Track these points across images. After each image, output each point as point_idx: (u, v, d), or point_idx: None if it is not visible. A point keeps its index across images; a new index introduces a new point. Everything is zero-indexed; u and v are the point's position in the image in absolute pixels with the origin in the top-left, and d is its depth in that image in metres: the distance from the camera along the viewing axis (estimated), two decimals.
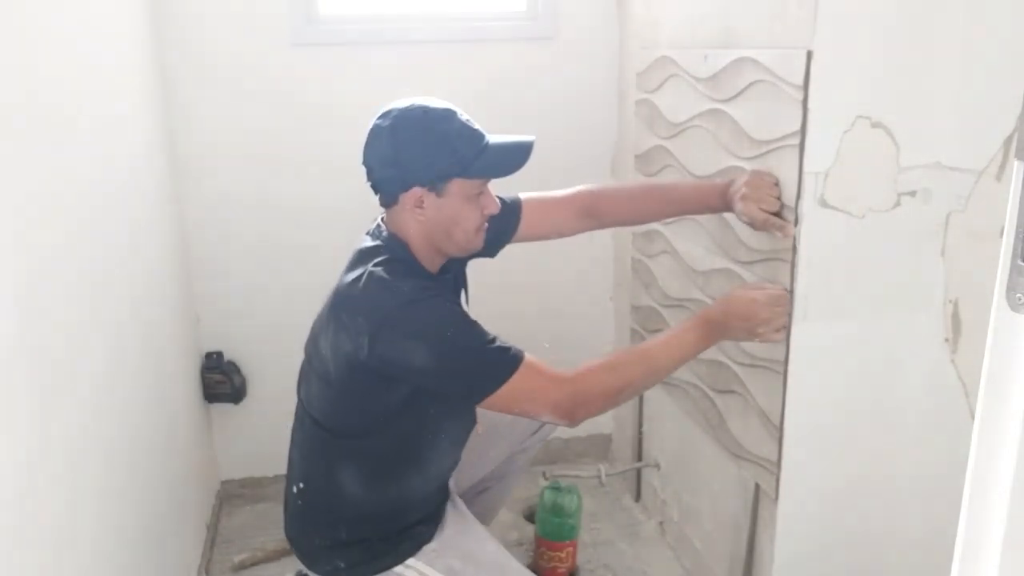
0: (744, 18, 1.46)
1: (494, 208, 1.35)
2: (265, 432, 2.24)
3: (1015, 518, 0.55)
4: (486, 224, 1.36)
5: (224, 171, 2.06)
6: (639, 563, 1.98)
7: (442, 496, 1.50)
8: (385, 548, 1.40)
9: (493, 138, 1.32)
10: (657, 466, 2.06)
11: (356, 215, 1.68)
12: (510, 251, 2.26)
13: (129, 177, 1.60)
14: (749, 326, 1.34)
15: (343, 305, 1.28)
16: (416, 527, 1.42)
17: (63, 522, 1.08)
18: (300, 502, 1.43)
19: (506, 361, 1.25)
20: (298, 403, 1.45)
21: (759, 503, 1.54)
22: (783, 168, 1.33)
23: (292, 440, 1.47)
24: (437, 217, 1.30)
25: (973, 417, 0.58)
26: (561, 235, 1.64)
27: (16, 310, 0.97)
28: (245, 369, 2.18)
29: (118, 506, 1.33)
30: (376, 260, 1.28)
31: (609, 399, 1.30)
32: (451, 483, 1.57)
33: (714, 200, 1.47)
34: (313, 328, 1.37)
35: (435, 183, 1.27)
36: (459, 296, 1.48)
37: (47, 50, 1.18)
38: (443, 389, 1.30)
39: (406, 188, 1.28)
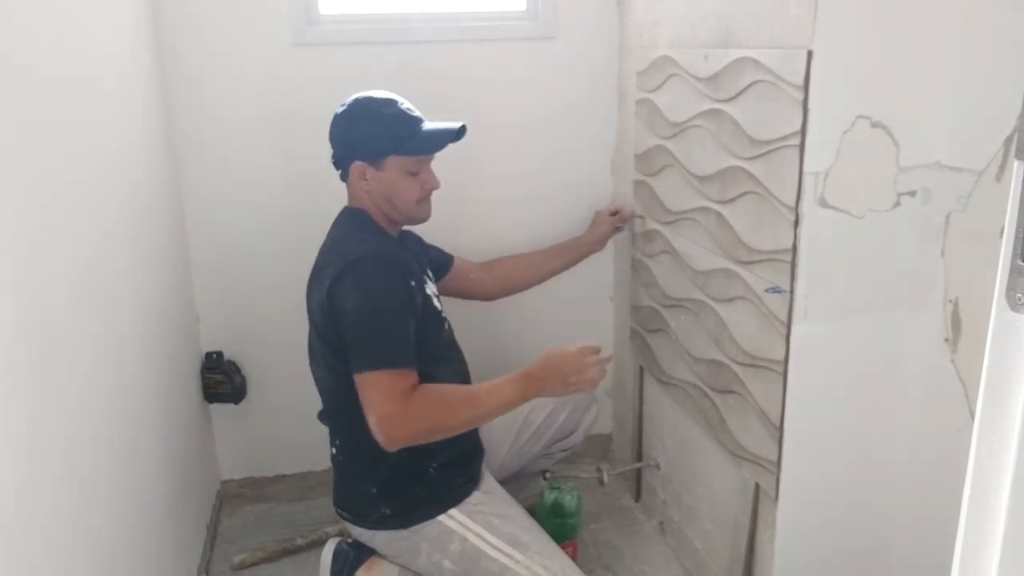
0: (744, 18, 1.46)
1: (434, 183, 1.58)
2: (265, 432, 2.25)
3: (1015, 518, 0.55)
4: (429, 198, 1.59)
5: (224, 170, 2.06)
6: (639, 563, 1.98)
7: (469, 444, 1.63)
8: (428, 495, 1.54)
9: (430, 124, 1.55)
10: (657, 466, 2.06)
11: None
12: (510, 250, 2.26)
13: (129, 177, 1.60)
14: (562, 378, 1.46)
15: (322, 263, 1.51)
16: (453, 479, 1.56)
17: (62, 522, 1.08)
18: (341, 458, 1.60)
19: (388, 357, 1.41)
20: (313, 376, 1.61)
21: (759, 503, 1.54)
22: (783, 168, 1.33)
23: (320, 412, 1.63)
24: (379, 188, 1.54)
25: (973, 417, 0.58)
26: (475, 289, 1.94)
27: (15, 309, 0.97)
28: (245, 369, 2.18)
29: (118, 506, 1.33)
30: (347, 223, 1.57)
31: (429, 434, 1.44)
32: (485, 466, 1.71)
33: (574, 252, 2.02)
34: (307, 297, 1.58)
35: (374, 158, 1.52)
36: (420, 267, 1.66)
37: (46, 49, 1.18)
38: (345, 340, 1.44)
39: (351, 162, 1.54)
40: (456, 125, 1.56)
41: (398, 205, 1.55)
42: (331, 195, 1.66)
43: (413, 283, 1.49)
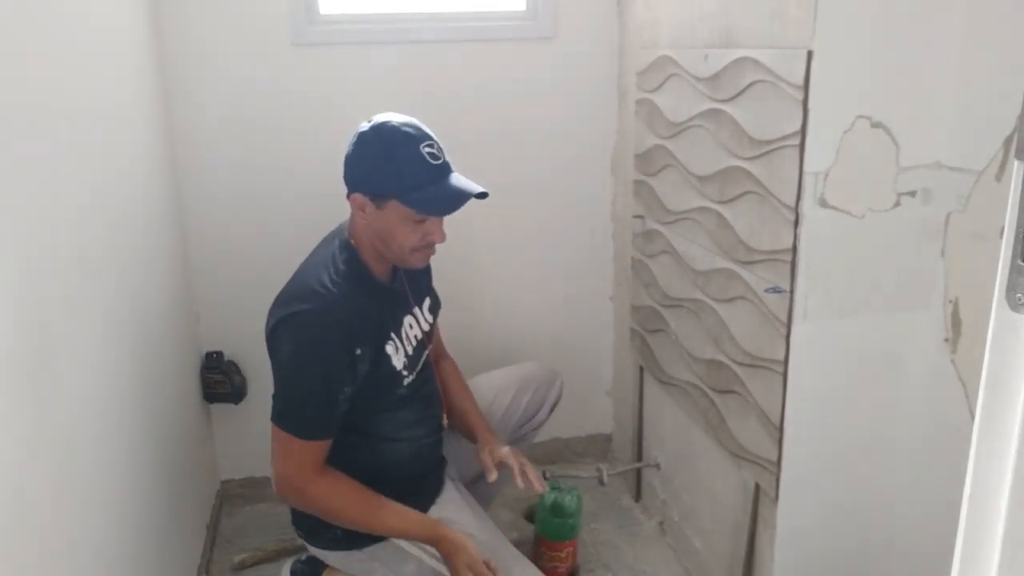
0: (744, 18, 1.46)
1: (438, 238, 1.44)
2: (265, 432, 2.22)
3: (1015, 518, 0.55)
4: (431, 250, 1.46)
5: (224, 171, 2.06)
6: (639, 563, 1.98)
7: (425, 466, 1.57)
8: None
9: (453, 178, 1.41)
10: (657, 466, 2.06)
11: None
12: (510, 250, 2.26)
13: (129, 176, 1.60)
14: (455, 570, 1.41)
15: (286, 288, 1.44)
16: (406, 500, 1.48)
17: (63, 522, 1.08)
18: None
19: (302, 427, 1.38)
20: None
21: (759, 503, 1.54)
22: (783, 168, 1.33)
23: None
24: (374, 225, 1.41)
25: (973, 417, 0.58)
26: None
27: (16, 309, 0.97)
28: (245, 369, 2.18)
29: (118, 506, 1.33)
30: (328, 253, 1.44)
31: (315, 513, 1.45)
32: (451, 471, 1.65)
33: (473, 438, 1.63)
34: None
35: (376, 196, 1.38)
36: (404, 309, 1.55)
37: (45, 48, 1.18)
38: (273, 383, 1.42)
39: (353, 191, 1.41)
40: (477, 189, 1.41)
41: (392, 248, 1.42)
42: (331, 195, 1.66)
43: (359, 350, 1.38)
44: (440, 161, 1.40)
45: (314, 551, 1.57)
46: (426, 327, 1.61)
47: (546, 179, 2.22)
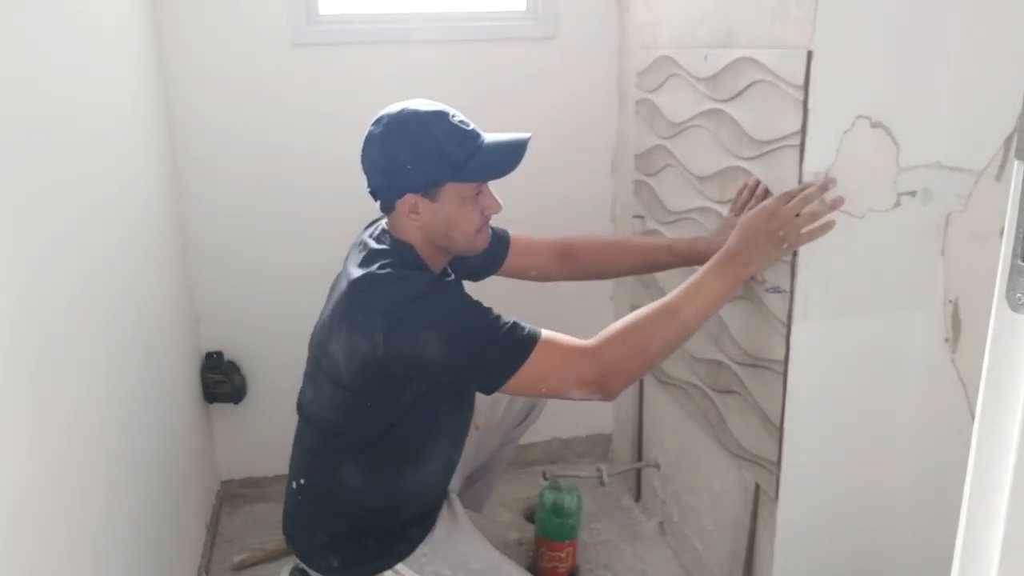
0: (744, 18, 1.46)
1: (495, 207, 1.34)
2: (265, 432, 2.25)
3: (1015, 518, 0.55)
4: (488, 224, 1.37)
5: (224, 171, 2.06)
6: (639, 563, 1.98)
7: (440, 496, 1.51)
8: (379, 548, 1.41)
9: (489, 137, 1.31)
10: (657, 466, 2.06)
11: (357, 215, 1.68)
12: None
13: (129, 177, 1.60)
14: (770, 236, 1.25)
15: (357, 305, 1.26)
16: (409, 528, 1.44)
17: (62, 522, 1.08)
18: (300, 497, 1.44)
19: (521, 343, 1.22)
20: (300, 404, 1.45)
21: (759, 503, 1.54)
22: (783, 168, 1.33)
23: (295, 439, 1.48)
24: (434, 221, 1.30)
25: (973, 417, 0.58)
26: (541, 277, 1.67)
27: (15, 310, 0.97)
28: (245, 369, 2.18)
29: (118, 506, 1.33)
30: (384, 262, 1.29)
31: (638, 364, 1.27)
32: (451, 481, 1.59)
33: (689, 256, 1.55)
34: (318, 331, 1.37)
35: (428, 189, 1.27)
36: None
37: (45, 49, 1.18)
38: (461, 379, 1.30)
39: (400, 195, 1.28)
40: (519, 134, 1.31)
41: (455, 238, 1.32)
42: (332, 195, 1.66)
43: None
44: (471, 126, 1.30)
45: (308, 569, 1.48)
46: None
47: (546, 179, 2.22)
